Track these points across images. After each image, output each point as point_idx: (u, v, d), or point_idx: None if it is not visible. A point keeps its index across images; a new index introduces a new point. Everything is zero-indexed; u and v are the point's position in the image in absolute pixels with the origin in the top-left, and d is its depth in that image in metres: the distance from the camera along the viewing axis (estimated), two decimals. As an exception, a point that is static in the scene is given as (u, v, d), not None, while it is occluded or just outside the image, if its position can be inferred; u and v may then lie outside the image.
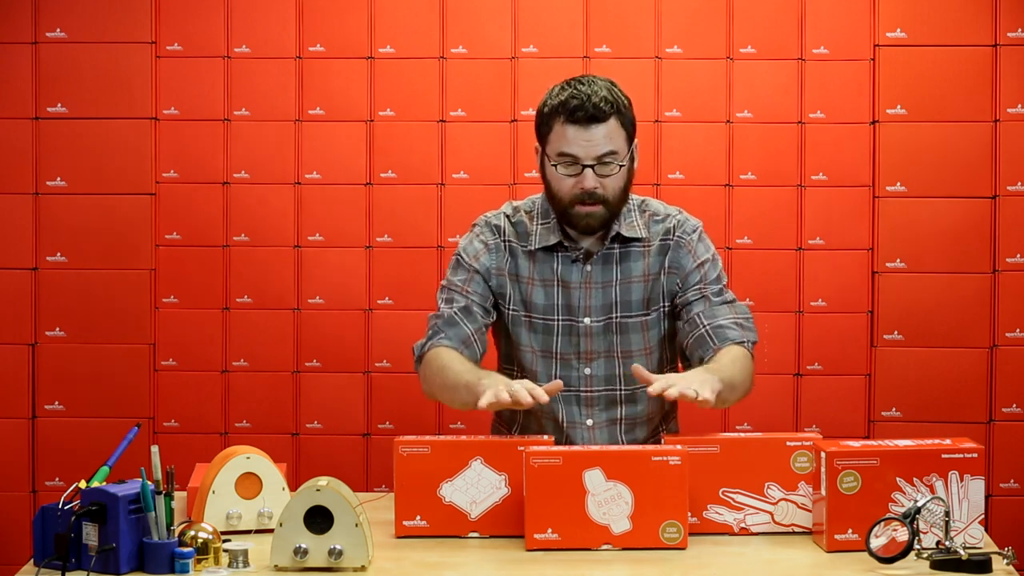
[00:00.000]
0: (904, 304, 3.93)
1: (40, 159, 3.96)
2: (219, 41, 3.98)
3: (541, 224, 2.84)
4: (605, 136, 2.71)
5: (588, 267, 2.82)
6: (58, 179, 3.96)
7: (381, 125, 3.98)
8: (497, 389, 2.50)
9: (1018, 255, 3.91)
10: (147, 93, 3.96)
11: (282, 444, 3.96)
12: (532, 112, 3.93)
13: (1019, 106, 3.90)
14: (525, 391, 2.49)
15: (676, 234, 2.85)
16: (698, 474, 2.45)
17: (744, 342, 2.79)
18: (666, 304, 2.86)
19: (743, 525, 2.48)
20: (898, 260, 3.93)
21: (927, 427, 3.83)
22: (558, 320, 2.82)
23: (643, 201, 2.88)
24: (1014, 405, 3.91)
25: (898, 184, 3.93)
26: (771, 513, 2.48)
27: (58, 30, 3.95)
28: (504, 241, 2.87)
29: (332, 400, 3.99)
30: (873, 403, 3.95)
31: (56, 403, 3.96)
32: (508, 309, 2.85)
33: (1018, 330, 3.91)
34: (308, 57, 3.98)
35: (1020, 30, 3.90)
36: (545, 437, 2.58)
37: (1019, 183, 3.91)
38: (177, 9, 3.97)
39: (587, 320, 2.81)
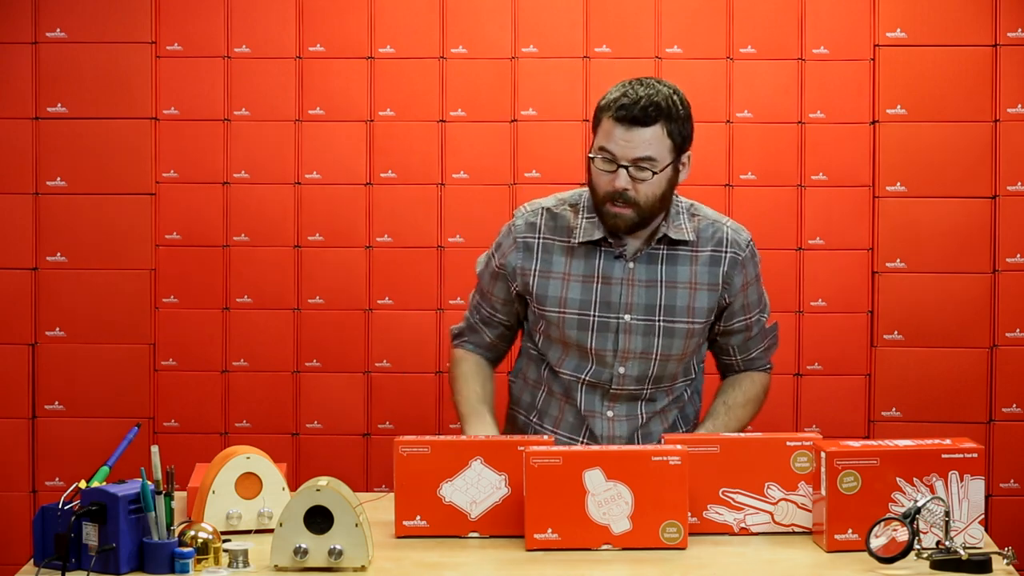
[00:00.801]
0: (904, 304, 3.93)
1: (40, 159, 3.96)
2: (219, 41, 3.98)
3: (587, 218, 2.83)
4: (645, 141, 2.70)
5: (631, 264, 2.81)
6: (58, 179, 3.96)
7: (381, 125, 3.98)
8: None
9: (1018, 255, 3.91)
10: (147, 93, 3.96)
11: (282, 444, 3.96)
12: (533, 112, 3.97)
13: (1019, 106, 3.90)
14: None
15: (730, 249, 2.85)
16: (698, 474, 2.45)
17: (766, 366, 3.00)
18: (712, 317, 2.87)
19: (743, 525, 2.48)
20: (898, 260, 3.93)
21: (927, 427, 3.83)
22: (594, 316, 2.81)
23: (692, 205, 2.88)
24: (1014, 405, 3.91)
25: (898, 184, 3.93)
26: (771, 513, 2.48)
27: (58, 30, 3.95)
28: (538, 239, 2.85)
29: (332, 400, 3.99)
30: (873, 403, 3.95)
31: (56, 403, 3.96)
32: (536, 307, 2.84)
33: (1018, 330, 3.91)
34: (308, 57, 3.98)
35: (1020, 30, 3.90)
36: (545, 437, 2.58)
37: (1019, 183, 3.91)
38: (177, 9, 3.97)
39: (627, 317, 2.80)
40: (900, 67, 3.92)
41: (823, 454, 2.36)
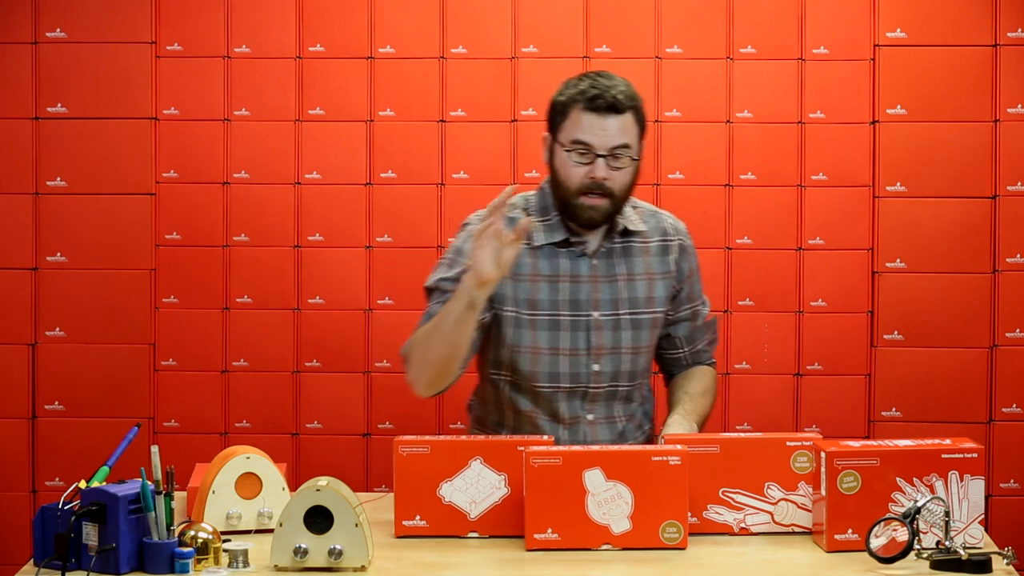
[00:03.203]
0: (904, 304, 3.93)
1: (40, 159, 3.96)
2: (219, 41, 3.98)
3: (541, 221, 2.84)
4: (620, 128, 2.73)
5: (594, 261, 2.82)
6: (58, 179, 3.96)
7: (381, 125, 3.98)
8: (479, 252, 2.51)
9: (1018, 255, 3.91)
10: (147, 93, 3.96)
11: (282, 444, 3.96)
12: (532, 112, 3.97)
13: (1019, 106, 3.90)
14: (494, 218, 2.51)
15: (676, 237, 2.91)
16: (698, 474, 2.45)
17: (712, 361, 3.04)
18: (668, 306, 2.89)
19: (743, 525, 2.48)
20: (898, 260, 3.93)
21: (927, 427, 3.83)
22: (565, 315, 2.81)
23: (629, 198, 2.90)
24: (1014, 405, 3.91)
25: (898, 184, 3.93)
26: (771, 513, 2.48)
27: (58, 30, 3.95)
28: None
29: (332, 400, 3.99)
30: (873, 403, 3.95)
31: (56, 403, 3.96)
32: (505, 311, 2.82)
33: (1018, 330, 3.91)
34: (308, 57, 3.98)
35: (1020, 30, 3.90)
36: (545, 437, 2.58)
37: (1019, 183, 3.91)
38: (177, 9, 3.97)
39: (596, 314, 2.82)
40: (900, 67, 3.92)
41: (823, 454, 2.36)
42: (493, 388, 2.90)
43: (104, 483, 2.30)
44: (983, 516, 2.38)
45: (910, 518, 2.25)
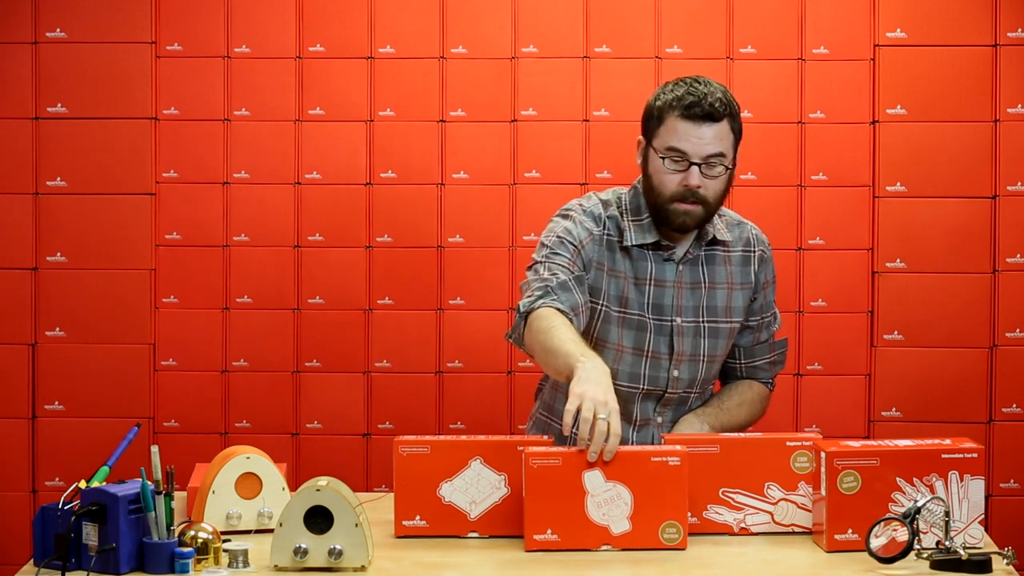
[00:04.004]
0: (904, 304, 3.93)
1: (40, 159, 3.96)
2: (219, 41, 3.98)
3: (632, 221, 2.80)
4: (716, 136, 2.70)
5: (680, 267, 2.81)
6: (58, 179, 3.96)
7: (381, 125, 3.98)
8: (581, 415, 2.39)
9: (1018, 255, 3.91)
10: (147, 93, 3.96)
11: (282, 444, 3.96)
12: (533, 112, 3.97)
13: (1019, 106, 3.90)
14: (598, 438, 2.36)
15: (758, 247, 2.89)
16: (698, 474, 2.45)
17: (769, 382, 2.96)
18: (744, 316, 2.89)
19: (743, 525, 2.48)
20: (898, 260, 3.93)
21: (927, 427, 3.83)
22: (650, 318, 2.80)
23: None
24: (1014, 405, 3.91)
25: (898, 184, 3.93)
26: (771, 513, 2.48)
27: (58, 30, 3.95)
28: (604, 233, 2.79)
29: (332, 400, 3.99)
30: (873, 403, 3.95)
31: (56, 403, 3.96)
32: (600, 305, 2.78)
33: (1018, 330, 3.91)
34: (308, 57, 3.98)
35: (1020, 30, 3.90)
36: (545, 437, 2.58)
37: (1019, 183, 3.91)
38: (177, 9, 3.97)
39: (679, 319, 2.80)
40: (900, 67, 3.92)
41: (823, 454, 2.36)
42: None
43: (104, 483, 2.30)
44: (983, 516, 2.38)
45: (910, 518, 2.25)
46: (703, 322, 2.82)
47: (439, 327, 3.98)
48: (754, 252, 2.88)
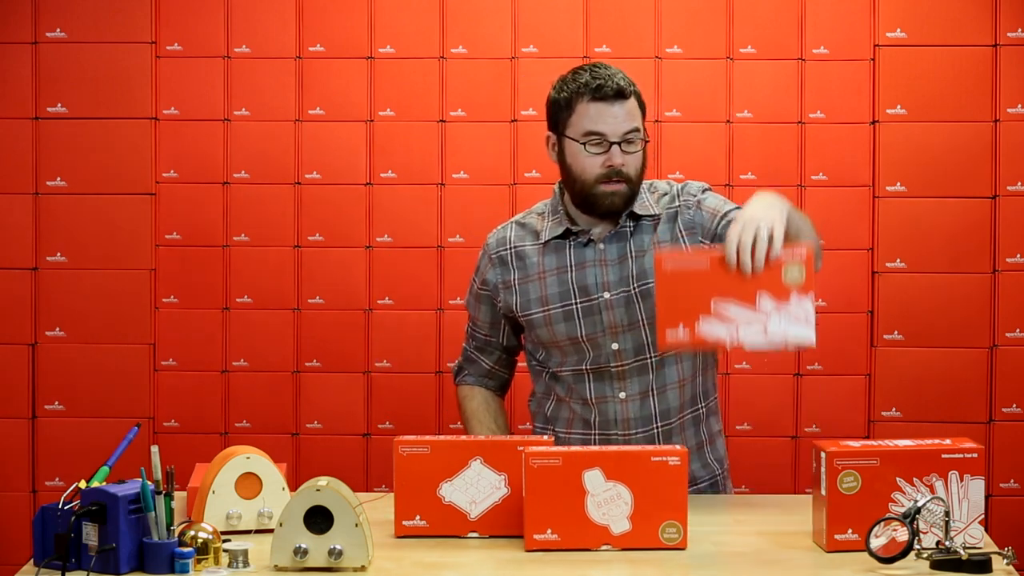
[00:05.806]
0: (904, 304, 3.93)
1: (40, 159, 3.96)
2: (219, 41, 3.98)
3: (551, 219, 2.88)
4: (628, 113, 2.76)
5: (601, 245, 2.84)
6: (58, 179, 3.96)
7: (381, 125, 3.98)
8: None
9: (1018, 255, 3.91)
10: (147, 93, 3.96)
11: (282, 444, 3.96)
12: (533, 112, 3.97)
13: (1019, 106, 3.90)
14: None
15: (681, 199, 2.87)
16: (691, 289, 2.44)
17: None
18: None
19: (736, 340, 2.45)
20: (898, 260, 3.93)
21: (927, 427, 3.83)
22: (576, 304, 2.83)
23: (651, 184, 2.90)
24: (1014, 405, 3.91)
25: (898, 184, 3.93)
26: (764, 324, 2.45)
27: (58, 30, 3.95)
28: (509, 249, 2.91)
29: (332, 400, 3.99)
30: (873, 403, 3.95)
31: (56, 403, 3.97)
32: (523, 316, 2.89)
33: (1018, 330, 3.91)
34: (308, 57, 3.98)
35: (1020, 30, 3.90)
36: (545, 437, 2.58)
37: (1019, 183, 3.91)
38: (177, 9, 3.97)
39: (606, 295, 2.83)
40: (900, 67, 3.92)
41: (823, 454, 2.36)
42: (537, 378, 2.97)
43: (104, 483, 2.30)
44: (983, 516, 2.38)
45: (910, 518, 2.25)
46: (634, 290, 2.82)
47: (439, 327, 3.98)
48: (678, 205, 2.85)
